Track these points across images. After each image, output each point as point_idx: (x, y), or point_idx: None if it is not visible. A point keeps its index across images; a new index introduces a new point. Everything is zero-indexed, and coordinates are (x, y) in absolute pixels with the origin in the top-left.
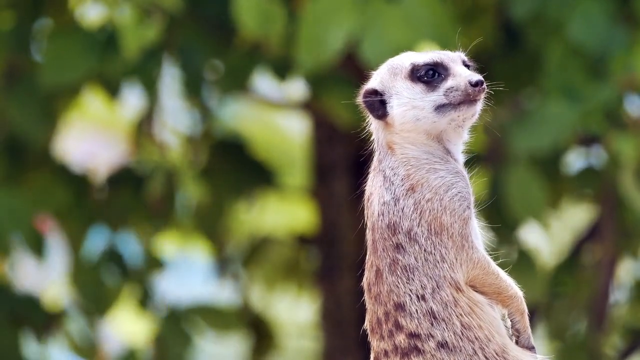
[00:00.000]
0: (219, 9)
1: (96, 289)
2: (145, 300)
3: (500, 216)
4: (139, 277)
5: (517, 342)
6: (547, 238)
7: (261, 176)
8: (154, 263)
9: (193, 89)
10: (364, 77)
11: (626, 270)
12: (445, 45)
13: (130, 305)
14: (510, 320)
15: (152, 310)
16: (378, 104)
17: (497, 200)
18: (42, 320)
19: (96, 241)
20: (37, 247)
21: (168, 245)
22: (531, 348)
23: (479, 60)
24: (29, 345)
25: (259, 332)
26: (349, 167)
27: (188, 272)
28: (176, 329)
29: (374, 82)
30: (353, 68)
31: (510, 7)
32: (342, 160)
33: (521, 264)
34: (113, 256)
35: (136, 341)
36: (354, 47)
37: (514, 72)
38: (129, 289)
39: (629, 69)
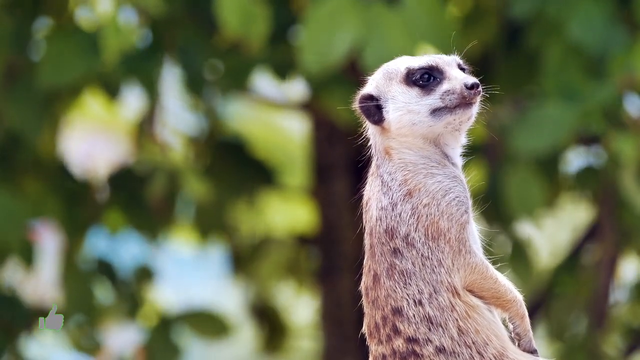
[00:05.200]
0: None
1: (86, 298)
2: (134, 310)
3: (498, 215)
4: (128, 287)
5: (518, 346)
6: (545, 238)
7: (261, 176)
8: (145, 273)
9: (194, 89)
10: (363, 79)
11: (626, 270)
12: (447, 50)
13: (120, 314)
14: (511, 324)
15: (143, 318)
16: (374, 109)
17: (495, 199)
18: (24, 321)
19: (94, 245)
20: (27, 255)
21: (175, 244)
22: (533, 351)
23: (480, 61)
24: (26, 346)
25: (272, 325)
26: (349, 167)
27: (195, 272)
28: (165, 338)
29: (370, 87)
30: (353, 70)
31: (510, 7)
32: (342, 160)
33: (516, 257)
34: (103, 266)
35: (130, 345)
36: (356, 53)
37: (514, 72)
38: (119, 298)
39: (628, 68)
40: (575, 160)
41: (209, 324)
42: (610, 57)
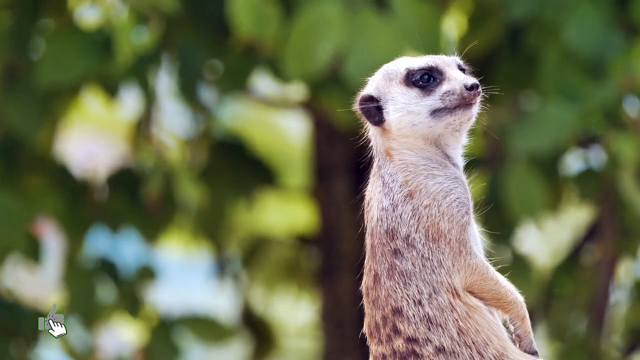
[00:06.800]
0: (218, 9)
1: (88, 297)
2: (135, 309)
3: (499, 217)
4: (130, 286)
5: (519, 347)
6: (545, 238)
7: (261, 176)
8: (147, 273)
9: (189, 90)
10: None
11: (626, 270)
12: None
13: (122, 313)
14: (512, 326)
15: (143, 319)
16: (374, 111)
17: (496, 201)
18: (31, 328)
19: (94, 245)
20: (33, 251)
21: (169, 246)
22: (534, 352)
23: (481, 62)
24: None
25: (260, 334)
26: (349, 167)
27: (189, 274)
28: (165, 339)
29: (370, 88)
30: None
31: (509, 9)
32: (342, 160)
33: (516, 268)
34: (105, 265)
35: (128, 346)
36: (339, 60)
37: (514, 73)
38: (121, 297)
39: (628, 69)
40: (575, 161)
41: (209, 328)
42: (607, 60)
